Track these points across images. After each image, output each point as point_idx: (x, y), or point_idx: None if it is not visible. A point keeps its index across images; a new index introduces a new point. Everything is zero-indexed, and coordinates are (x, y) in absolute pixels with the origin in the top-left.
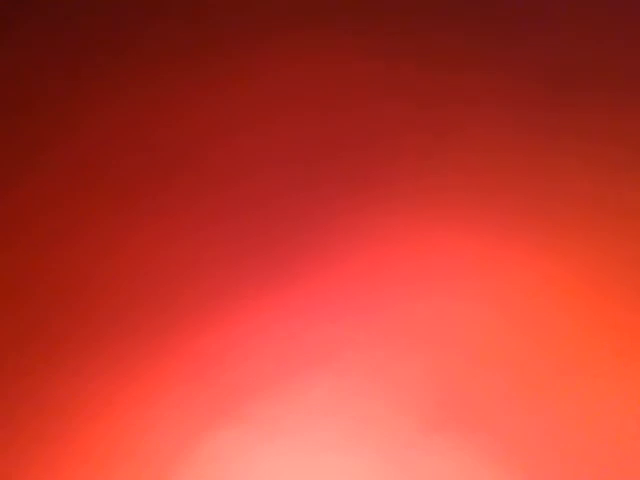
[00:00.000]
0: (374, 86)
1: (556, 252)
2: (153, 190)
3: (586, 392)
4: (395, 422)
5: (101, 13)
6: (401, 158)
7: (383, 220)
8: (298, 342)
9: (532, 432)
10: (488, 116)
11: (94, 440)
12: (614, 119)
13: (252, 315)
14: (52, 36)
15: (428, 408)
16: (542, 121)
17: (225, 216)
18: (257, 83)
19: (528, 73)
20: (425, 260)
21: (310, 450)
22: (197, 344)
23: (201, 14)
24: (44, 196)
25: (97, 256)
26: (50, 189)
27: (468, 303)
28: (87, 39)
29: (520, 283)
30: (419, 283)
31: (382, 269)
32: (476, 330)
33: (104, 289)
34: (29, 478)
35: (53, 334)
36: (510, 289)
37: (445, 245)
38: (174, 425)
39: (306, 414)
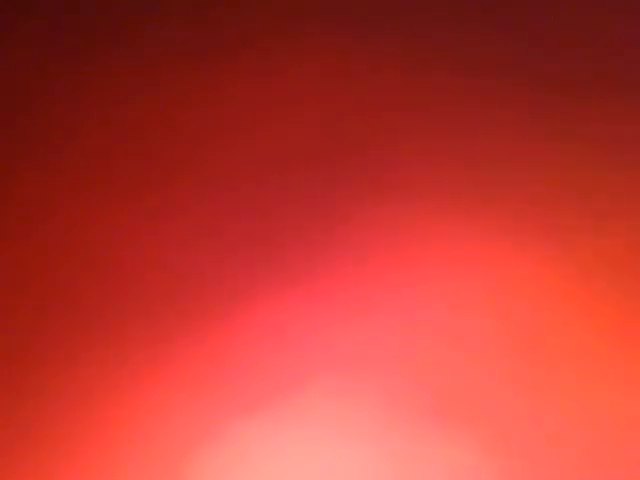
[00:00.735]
0: (376, 87)
1: (555, 257)
2: (158, 192)
3: (580, 387)
4: (407, 416)
5: (101, 13)
6: (405, 161)
7: (388, 223)
8: (310, 342)
9: (529, 425)
10: (490, 119)
11: (102, 437)
12: (614, 123)
13: (262, 315)
14: (52, 36)
15: (428, 402)
16: (543, 125)
17: (230, 218)
18: (259, 84)
19: (531, 76)
20: (427, 264)
21: (313, 443)
22: (205, 345)
23: (202, 15)
24: (45, 197)
25: (105, 255)
26: (52, 190)
27: (467, 304)
28: (87, 40)
29: (520, 285)
30: (420, 284)
31: (386, 271)
32: (474, 328)
33: (116, 286)
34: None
35: (61, 331)
36: (511, 291)
37: (448, 248)
38: (183, 425)
39: (310, 409)
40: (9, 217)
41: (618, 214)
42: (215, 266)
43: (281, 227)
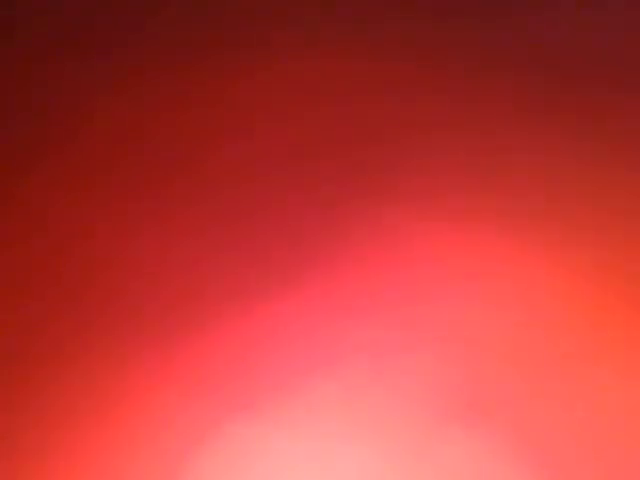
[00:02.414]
0: (375, 87)
1: (561, 252)
2: (156, 193)
3: (592, 385)
4: (408, 414)
5: (100, 14)
6: (404, 159)
7: (388, 222)
8: (312, 341)
9: (544, 423)
10: (490, 115)
11: (101, 437)
12: (618, 118)
13: (266, 313)
14: (52, 37)
15: (441, 402)
16: (545, 120)
17: (229, 218)
18: (259, 84)
19: (530, 71)
20: (431, 261)
21: (323, 443)
22: (207, 344)
23: (202, 14)
24: (45, 197)
25: (103, 257)
26: (52, 190)
27: (480, 302)
28: (87, 40)
29: (526, 282)
30: (431, 283)
31: (387, 270)
32: (489, 327)
33: (115, 287)
34: (35, 477)
35: (60, 333)
36: (523, 288)
37: (450, 246)
38: (186, 422)
39: (320, 409)
40: (9, 217)
41: (634, 210)
42: (214, 266)
43: (280, 227)
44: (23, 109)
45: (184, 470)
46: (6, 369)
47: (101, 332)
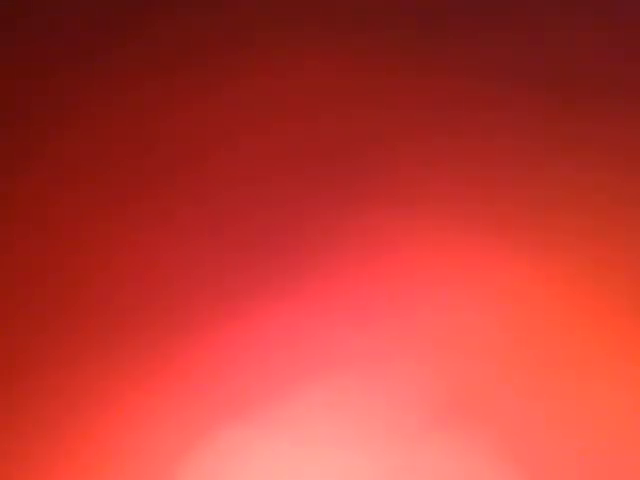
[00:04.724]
0: (375, 89)
1: (554, 260)
2: (155, 193)
3: (584, 391)
4: (398, 420)
5: (99, 14)
6: (402, 165)
7: (388, 226)
8: (302, 345)
9: (534, 429)
10: (487, 123)
11: (96, 440)
12: (613, 126)
13: (257, 318)
14: (52, 36)
15: (431, 406)
16: (541, 128)
17: (228, 220)
18: (259, 85)
19: (528, 79)
20: (426, 267)
21: (314, 448)
22: (202, 346)
23: (202, 14)
24: (45, 198)
25: (101, 257)
26: (52, 191)
27: (469, 308)
28: (86, 40)
29: (519, 288)
30: (420, 289)
31: (386, 274)
32: (477, 332)
33: (111, 290)
34: (30, 477)
35: (57, 334)
36: (510, 294)
37: (445, 252)
38: (178, 426)
39: (310, 414)
40: (9, 218)
41: (617, 215)
42: (212, 268)
43: (279, 229)
44: (23, 109)
45: (176, 472)
46: (6, 369)
47: (99, 332)
